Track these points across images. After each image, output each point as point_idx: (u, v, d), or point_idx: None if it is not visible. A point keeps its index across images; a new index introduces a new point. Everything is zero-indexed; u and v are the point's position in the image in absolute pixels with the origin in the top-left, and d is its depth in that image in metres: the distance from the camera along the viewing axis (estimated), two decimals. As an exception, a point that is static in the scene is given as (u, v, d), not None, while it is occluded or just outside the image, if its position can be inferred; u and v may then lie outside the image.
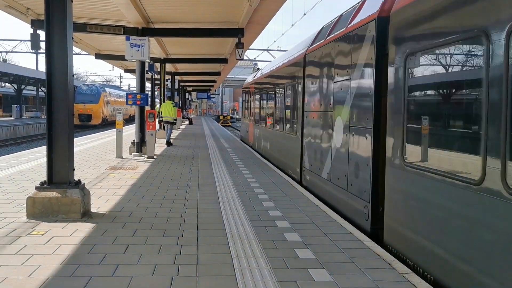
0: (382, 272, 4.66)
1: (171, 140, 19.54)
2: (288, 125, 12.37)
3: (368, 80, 6.63)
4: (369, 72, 6.59)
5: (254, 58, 51.83)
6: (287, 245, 5.51)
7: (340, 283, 4.33)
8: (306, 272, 4.60)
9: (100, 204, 7.56)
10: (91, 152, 15.78)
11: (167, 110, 19.38)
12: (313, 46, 9.90)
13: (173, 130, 19.81)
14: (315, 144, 9.38)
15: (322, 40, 9.15)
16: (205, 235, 5.88)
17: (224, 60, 25.15)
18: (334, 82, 8.07)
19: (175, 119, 20.51)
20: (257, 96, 18.79)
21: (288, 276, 4.50)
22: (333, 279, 4.43)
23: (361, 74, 6.90)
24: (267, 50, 47.39)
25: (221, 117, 65.63)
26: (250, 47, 28.11)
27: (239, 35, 15.51)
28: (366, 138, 6.60)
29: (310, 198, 8.36)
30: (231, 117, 70.73)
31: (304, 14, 31.99)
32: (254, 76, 20.94)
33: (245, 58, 42.59)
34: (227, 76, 57.87)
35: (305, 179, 10.27)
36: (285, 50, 22.57)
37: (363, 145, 6.72)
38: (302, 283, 4.32)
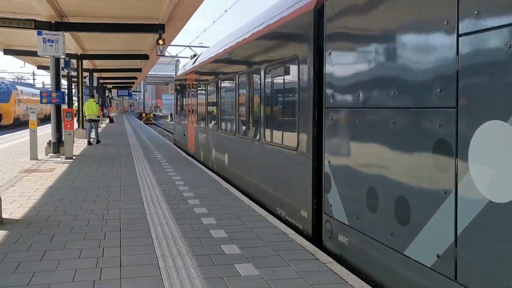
0: (306, 263, 4.79)
1: (91, 140, 18.87)
2: (276, 132, 7.49)
3: None
4: None
5: (176, 54, 50.97)
6: (213, 241, 5.51)
7: (265, 276, 4.40)
8: (233, 268, 4.63)
9: (13, 209, 7.10)
10: (2, 155, 14.79)
11: (91, 108, 18.79)
12: None
13: (93, 129, 19.14)
14: (373, 176, 4.47)
15: None
16: (129, 236, 5.72)
17: (145, 57, 24.60)
18: (461, 35, 3.33)
19: (99, 116, 19.98)
20: (203, 88, 13.71)
21: (215, 272, 4.50)
22: (259, 273, 4.48)
23: None
24: (189, 46, 46.84)
25: (143, 115, 64.08)
26: (171, 43, 27.76)
27: (159, 31, 15.23)
28: None
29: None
30: (154, 115, 69.30)
31: (225, 11, 32.05)
32: (194, 63, 15.99)
33: (166, 54, 41.94)
34: (149, 73, 56.60)
35: (335, 240, 5.28)
36: (207, 46, 20.99)
37: None
38: (228, 279, 4.33)
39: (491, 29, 3.10)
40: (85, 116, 19.50)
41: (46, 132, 22.27)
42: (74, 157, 14.12)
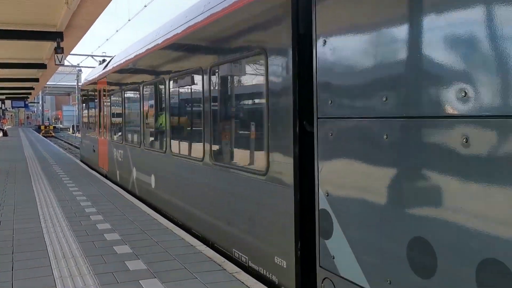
0: (213, 274, 4.76)
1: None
2: (230, 150, 5.92)
3: None
4: None
5: (78, 64, 48.72)
6: (117, 258, 5.29)
7: (172, 291, 4.30)
8: (137, 284, 4.47)
9: None
10: None
11: None
12: None
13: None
14: (422, 221, 2.83)
15: None
16: (23, 258, 5.31)
17: (42, 66, 23.20)
18: None
19: None
20: (120, 96, 11.43)
21: (118, 290, 4.31)
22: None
23: None
24: (92, 56, 44.99)
25: (42, 127, 60.50)
26: (72, 52, 26.47)
27: (57, 39, 14.46)
28: None
29: None
30: (55, 127, 65.61)
31: (129, 20, 31.23)
32: (106, 67, 13.73)
33: (67, 63, 39.95)
34: (48, 83, 53.51)
35: None
36: (111, 56, 19.62)
37: None
38: (133, 296, 4.18)
39: None
40: None
41: None
42: (-40, 175, 12.92)
